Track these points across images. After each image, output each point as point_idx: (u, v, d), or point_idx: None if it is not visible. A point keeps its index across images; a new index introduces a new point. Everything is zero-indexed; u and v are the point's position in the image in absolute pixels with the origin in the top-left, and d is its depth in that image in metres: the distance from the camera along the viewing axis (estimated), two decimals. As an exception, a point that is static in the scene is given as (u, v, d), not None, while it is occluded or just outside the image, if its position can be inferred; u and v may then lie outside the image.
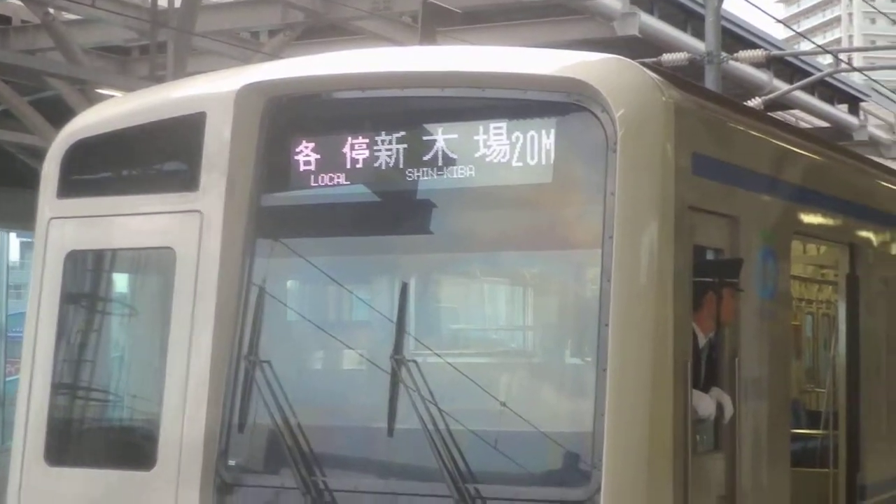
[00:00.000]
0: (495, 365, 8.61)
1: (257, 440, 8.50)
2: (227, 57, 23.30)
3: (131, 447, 8.90)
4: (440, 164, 8.26)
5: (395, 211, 8.57)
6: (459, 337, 8.83)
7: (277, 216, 8.74)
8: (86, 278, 9.30)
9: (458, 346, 8.58)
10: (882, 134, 26.58)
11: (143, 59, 24.37)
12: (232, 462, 8.43)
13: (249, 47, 24.39)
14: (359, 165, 8.47)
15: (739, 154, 9.21)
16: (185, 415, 8.43)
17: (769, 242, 9.42)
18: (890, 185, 12.96)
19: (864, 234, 11.52)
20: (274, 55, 21.12)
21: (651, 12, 24.72)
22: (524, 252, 8.40)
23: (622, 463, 7.54)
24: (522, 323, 9.00)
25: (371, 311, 8.60)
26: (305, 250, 8.65)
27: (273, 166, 8.71)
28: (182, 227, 8.67)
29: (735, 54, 24.56)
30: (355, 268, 8.74)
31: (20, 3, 23.11)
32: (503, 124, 8.13)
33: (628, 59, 8.27)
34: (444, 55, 9.60)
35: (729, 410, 8.58)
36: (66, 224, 9.12)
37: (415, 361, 8.09)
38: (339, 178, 8.52)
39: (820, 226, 10.79)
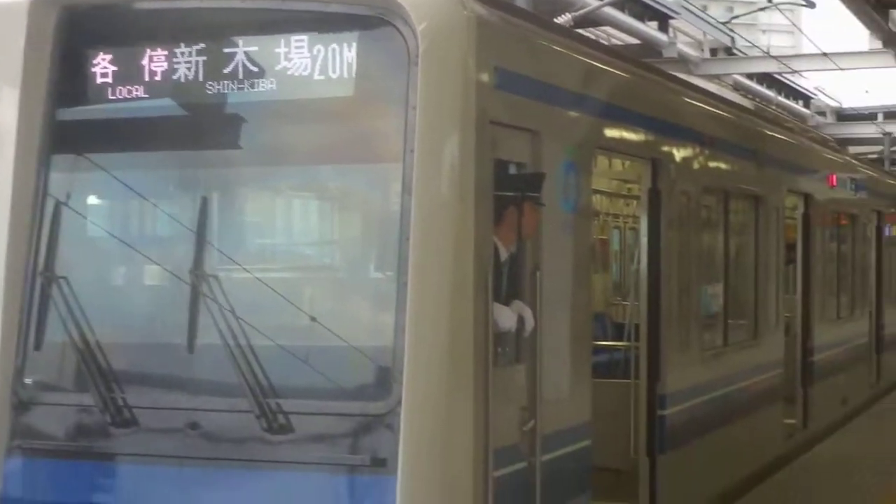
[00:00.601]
0: (297, 280, 8.55)
1: (55, 358, 8.37)
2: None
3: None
4: (241, 76, 8.16)
5: (195, 124, 8.44)
6: (261, 252, 8.74)
7: (74, 130, 8.56)
8: None
9: (260, 261, 8.50)
10: (691, 51, 26.88)
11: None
12: (28, 380, 8.30)
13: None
14: (157, 78, 8.32)
15: (543, 69, 9.25)
16: (-22, 333, 8.25)
17: (571, 157, 9.50)
18: (692, 102, 13.18)
19: (665, 149, 11.70)
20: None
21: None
22: (326, 166, 8.36)
23: (422, 376, 7.58)
24: (325, 237, 8.96)
25: (170, 227, 8.48)
26: (103, 164, 8.48)
27: (69, 79, 8.51)
28: None
29: (546, -30, 24.57)
30: (153, 182, 8.59)
31: None
32: (305, 37, 8.04)
33: (431, -27, 8.21)
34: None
35: (530, 323, 8.65)
36: None
37: (215, 276, 8.03)
38: (137, 90, 8.37)
39: (622, 141, 10.92)
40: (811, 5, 30.24)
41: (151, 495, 8.05)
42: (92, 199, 8.89)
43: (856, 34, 27.84)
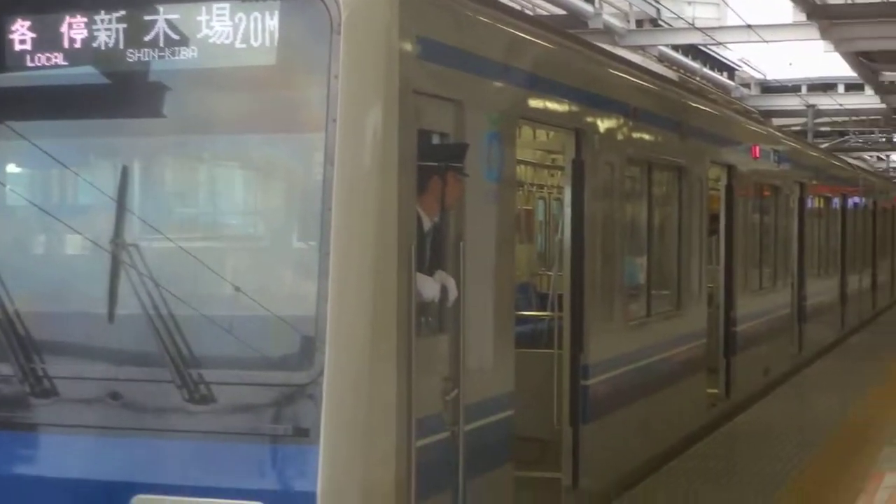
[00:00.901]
0: (219, 249, 8.49)
1: None
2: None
3: None
4: (161, 44, 8.07)
5: (116, 92, 8.34)
6: (183, 221, 8.66)
7: None
8: None
9: (181, 231, 8.42)
10: (616, 22, 26.93)
11: None
12: (-55, 350, 8.19)
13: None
14: (77, 45, 8.21)
15: (467, 39, 9.24)
16: None
17: (495, 127, 9.50)
18: (616, 73, 13.21)
19: (589, 119, 11.73)
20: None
21: None
22: (248, 135, 8.27)
23: (345, 346, 7.57)
24: (248, 207, 8.90)
25: (90, 195, 8.39)
26: (22, 132, 8.34)
27: None
28: None
29: (473, -60, 24.43)
30: (73, 151, 8.48)
31: None
32: (227, 5, 7.96)
33: (354, -58, 8.16)
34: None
35: (453, 293, 8.67)
36: None
37: (136, 245, 7.97)
38: (56, 58, 8.26)
39: (546, 111, 10.93)
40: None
41: (72, 465, 7.99)
42: (11, 168, 8.78)
43: (780, 6, 28.00)
